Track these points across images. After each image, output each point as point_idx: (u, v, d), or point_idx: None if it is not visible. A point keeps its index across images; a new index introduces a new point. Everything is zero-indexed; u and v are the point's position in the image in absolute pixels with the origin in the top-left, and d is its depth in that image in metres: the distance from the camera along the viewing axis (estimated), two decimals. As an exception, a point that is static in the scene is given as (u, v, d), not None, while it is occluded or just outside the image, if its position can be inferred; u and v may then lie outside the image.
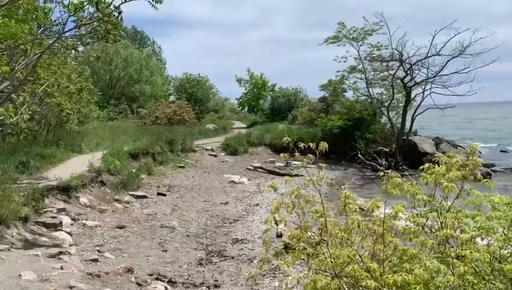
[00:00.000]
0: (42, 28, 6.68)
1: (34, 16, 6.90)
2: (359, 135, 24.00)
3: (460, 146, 27.54)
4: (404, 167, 20.31)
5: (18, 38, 6.91)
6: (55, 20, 6.38)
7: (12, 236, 7.71)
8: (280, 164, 21.22)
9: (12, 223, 7.98)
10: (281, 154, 4.04)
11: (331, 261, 3.29)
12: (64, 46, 6.91)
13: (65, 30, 6.17)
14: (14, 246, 7.35)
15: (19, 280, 5.76)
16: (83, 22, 6.11)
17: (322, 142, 3.69)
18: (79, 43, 7.02)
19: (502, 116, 72.38)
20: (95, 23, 6.21)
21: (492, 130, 50.97)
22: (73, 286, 5.84)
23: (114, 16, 6.02)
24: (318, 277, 3.28)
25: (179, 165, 18.07)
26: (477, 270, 3.06)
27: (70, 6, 5.96)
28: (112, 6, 5.88)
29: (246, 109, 48.28)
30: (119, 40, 6.96)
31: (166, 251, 8.48)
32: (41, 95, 13.11)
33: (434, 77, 23.39)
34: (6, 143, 13.05)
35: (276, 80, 56.25)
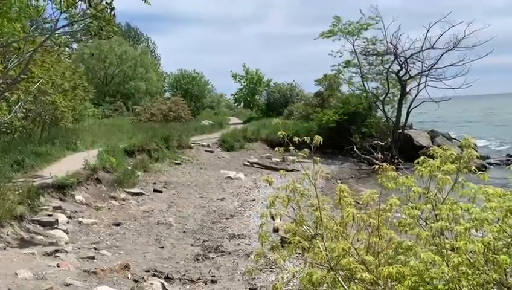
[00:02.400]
0: (34, 26, 6.64)
1: (26, 16, 6.85)
2: (355, 129, 24.03)
3: (456, 139, 27.60)
4: (400, 160, 20.30)
5: (10, 36, 6.85)
6: (46, 18, 6.34)
7: (8, 235, 7.68)
8: (277, 159, 21.23)
9: (8, 222, 7.95)
10: (276, 149, 4.03)
11: (327, 255, 3.29)
12: (57, 44, 6.88)
13: (57, 27, 6.14)
14: (10, 245, 7.33)
15: (15, 278, 5.77)
16: (76, 19, 6.08)
17: (316, 136, 3.69)
18: (72, 40, 6.99)
19: (492, 110, 72.60)
20: (87, 19, 6.18)
21: (488, 123, 51.11)
22: (70, 284, 5.85)
23: (107, 11, 6.00)
24: (314, 270, 3.29)
25: (175, 161, 18.02)
26: (472, 261, 3.07)
27: (62, 3, 5.93)
28: (104, 2, 5.85)
29: (242, 104, 48.34)
30: (113, 37, 6.94)
31: (163, 247, 8.49)
32: (35, 93, 13.04)
33: (429, 70, 23.35)
34: (0, 142, 12.97)
35: (272, 76, 56.28)
